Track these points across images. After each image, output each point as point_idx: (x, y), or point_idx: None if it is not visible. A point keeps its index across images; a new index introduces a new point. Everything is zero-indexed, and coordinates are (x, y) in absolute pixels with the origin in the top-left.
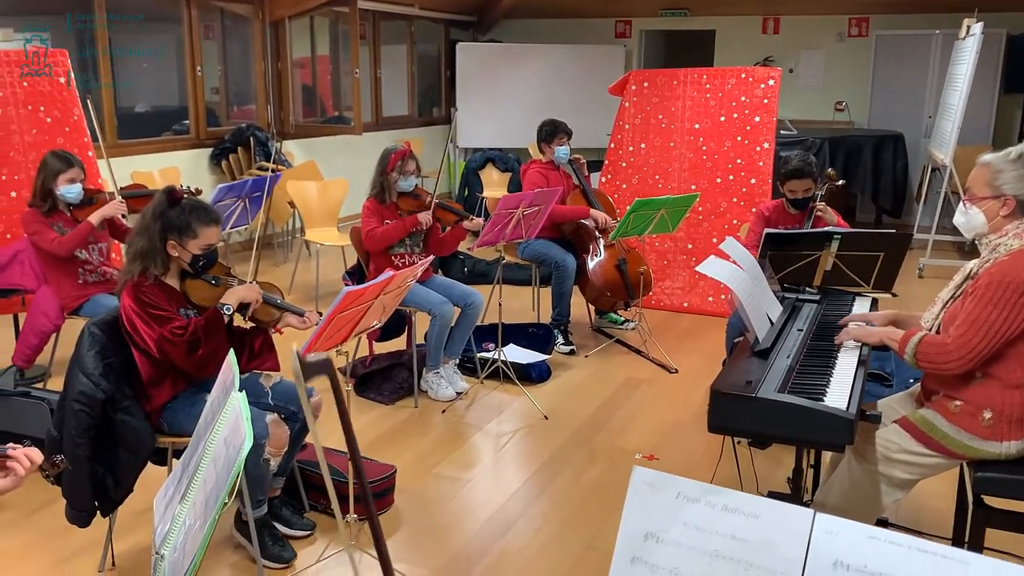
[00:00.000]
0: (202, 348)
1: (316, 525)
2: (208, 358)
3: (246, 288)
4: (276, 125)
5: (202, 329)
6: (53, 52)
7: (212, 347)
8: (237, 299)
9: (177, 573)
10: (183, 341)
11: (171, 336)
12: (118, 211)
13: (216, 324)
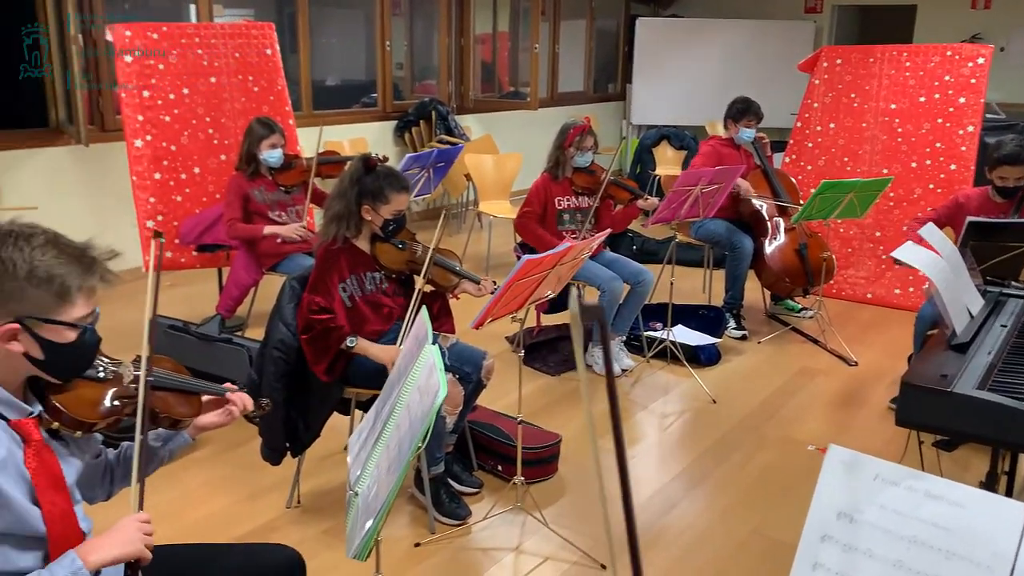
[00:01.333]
0: (308, 335)
1: (483, 484)
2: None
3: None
4: (456, 100)
5: (320, 330)
6: (261, 25)
7: (317, 347)
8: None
9: (369, 511)
10: (304, 316)
11: (307, 303)
12: (294, 234)
13: (333, 341)
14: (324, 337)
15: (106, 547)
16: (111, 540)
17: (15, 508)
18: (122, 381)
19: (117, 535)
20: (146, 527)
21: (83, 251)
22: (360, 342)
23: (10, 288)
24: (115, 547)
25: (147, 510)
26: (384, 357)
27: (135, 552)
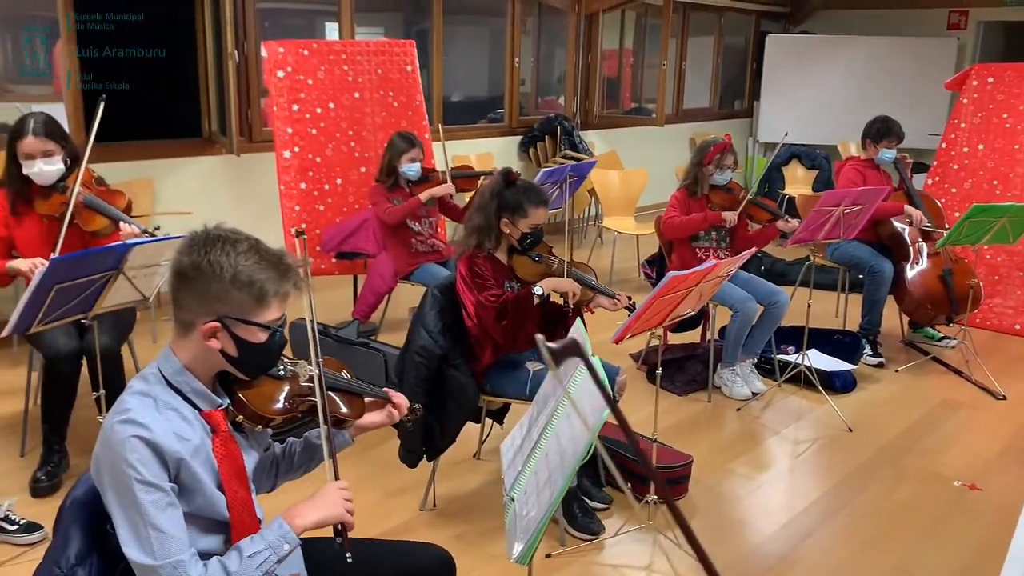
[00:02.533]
0: (507, 319)
1: (613, 500)
2: (513, 330)
3: (566, 281)
4: (580, 115)
5: (512, 303)
6: (402, 43)
7: (518, 321)
8: (552, 287)
9: (530, 519)
10: (493, 307)
11: (485, 301)
12: (447, 191)
13: (525, 302)
14: (518, 306)
15: (310, 511)
16: (314, 504)
17: (205, 492)
18: (298, 380)
19: (320, 500)
20: (346, 493)
21: (280, 258)
22: (543, 282)
23: (215, 289)
24: (319, 510)
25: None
26: (565, 286)
27: (337, 515)
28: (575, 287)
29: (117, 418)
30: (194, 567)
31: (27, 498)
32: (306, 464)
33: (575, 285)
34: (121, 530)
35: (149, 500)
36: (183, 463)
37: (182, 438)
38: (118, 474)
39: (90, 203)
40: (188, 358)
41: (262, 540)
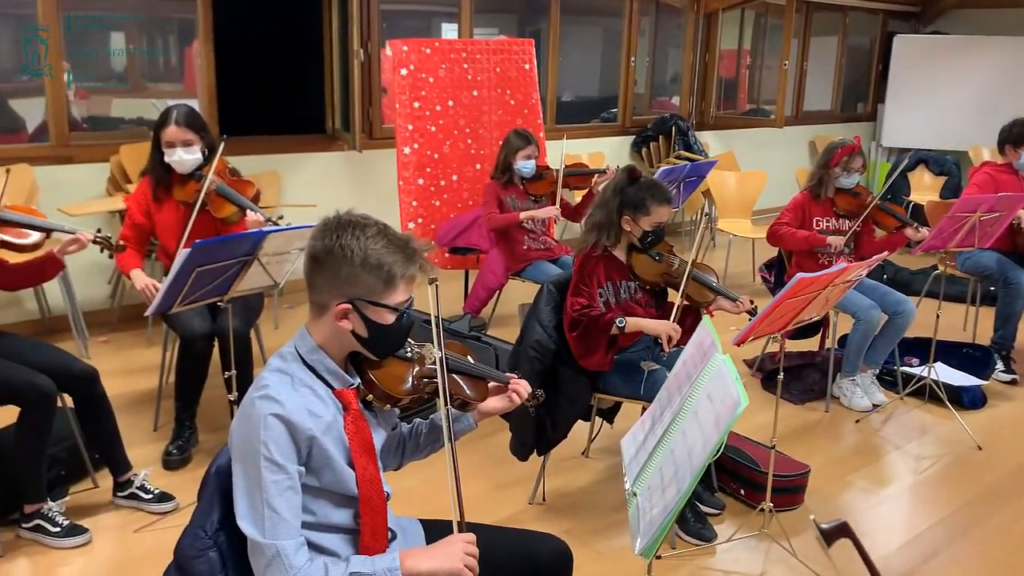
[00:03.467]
0: (578, 332)
1: (725, 506)
2: (583, 347)
3: (661, 325)
4: (695, 116)
5: (587, 321)
6: (521, 42)
7: (588, 339)
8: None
9: (655, 513)
10: (571, 314)
11: (570, 306)
12: (550, 215)
13: (601, 328)
14: (592, 328)
15: (428, 558)
16: (434, 553)
17: (336, 468)
18: (424, 362)
19: (441, 550)
20: (470, 548)
21: (406, 243)
22: (630, 320)
23: (346, 273)
24: (436, 559)
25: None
26: (659, 329)
27: (454, 570)
28: (670, 333)
29: (256, 393)
30: (297, 555)
31: (159, 470)
32: (431, 445)
33: (669, 330)
34: (239, 500)
35: (272, 479)
36: (314, 440)
37: (315, 415)
38: (249, 448)
39: (222, 191)
40: (322, 338)
41: (371, 565)
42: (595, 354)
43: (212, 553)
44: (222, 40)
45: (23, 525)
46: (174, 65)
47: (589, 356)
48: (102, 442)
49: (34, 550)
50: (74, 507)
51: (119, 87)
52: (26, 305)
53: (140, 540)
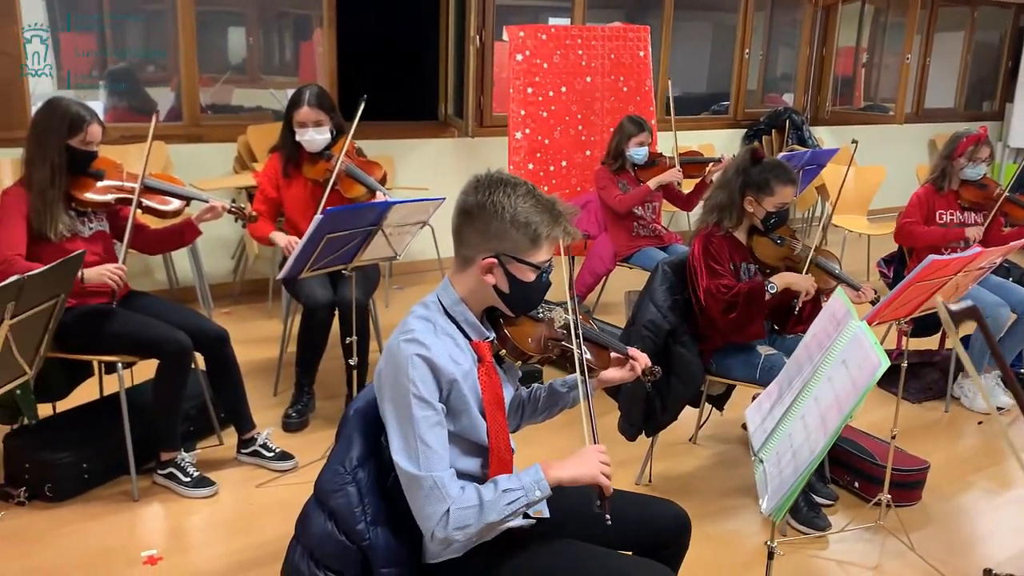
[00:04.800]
0: (736, 312)
1: (838, 497)
2: (741, 324)
3: (803, 279)
4: (811, 111)
5: (743, 296)
6: (637, 28)
7: (747, 315)
8: (785, 283)
9: (784, 478)
10: (723, 299)
11: (715, 291)
12: (675, 178)
13: (757, 297)
14: (751, 301)
15: (568, 467)
16: (572, 462)
17: (471, 414)
18: (553, 325)
19: (578, 459)
20: (604, 456)
21: (553, 204)
22: (775, 279)
23: (495, 228)
24: (576, 468)
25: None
26: (803, 284)
27: (592, 476)
28: (811, 286)
29: (402, 337)
30: (452, 484)
31: (278, 432)
32: (549, 410)
33: (811, 284)
34: (393, 438)
35: (422, 415)
36: (455, 384)
37: (455, 361)
38: (398, 387)
39: (351, 172)
40: (465, 290)
41: (518, 480)
42: (751, 324)
43: (351, 488)
44: (342, 30)
45: (158, 472)
46: (289, 59)
47: (746, 329)
48: (229, 400)
49: (166, 497)
50: (201, 461)
51: (239, 77)
52: (156, 275)
53: (261, 495)
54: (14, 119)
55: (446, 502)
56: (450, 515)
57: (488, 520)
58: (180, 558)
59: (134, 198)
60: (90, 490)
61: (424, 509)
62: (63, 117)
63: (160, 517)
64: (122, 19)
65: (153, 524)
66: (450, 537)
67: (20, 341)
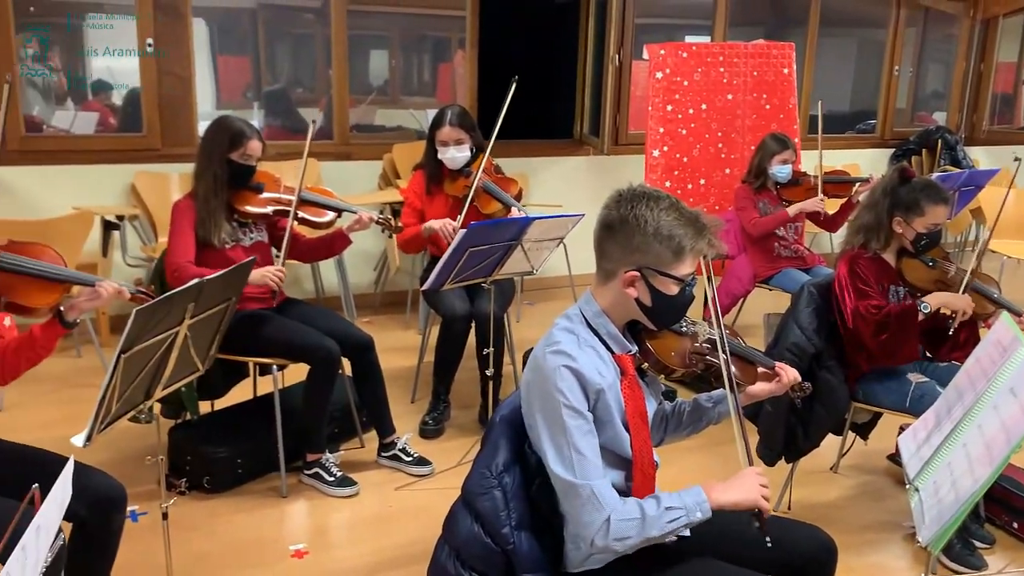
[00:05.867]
0: (887, 333)
1: (995, 540)
2: (892, 346)
3: (959, 298)
4: (966, 130)
5: (894, 316)
6: (782, 46)
7: (898, 337)
8: (941, 303)
9: (944, 508)
10: (873, 320)
11: (864, 312)
12: (817, 207)
13: (909, 317)
14: (900, 322)
15: (728, 491)
16: (732, 486)
17: (615, 426)
18: (697, 339)
19: (738, 483)
20: (763, 479)
21: (697, 217)
22: (929, 299)
23: (638, 241)
24: (737, 493)
25: None
26: (958, 304)
27: (753, 502)
28: (968, 305)
29: (548, 349)
30: (609, 493)
31: (416, 438)
32: (693, 425)
33: (968, 303)
34: (547, 448)
35: (574, 424)
36: (601, 394)
37: (600, 373)
38: (548, 398)
39: (488, 188)
40: (607, 303)
41: (680, 499)
42: (905, 346)
43: (496, 492)
44: (481, 51)
45: (305, 472)
46: (427, 80)
47: (898, 352)
48: (372, 405)
49: (312, 495)
50: (344, 462)
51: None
52: (304, 284)
53: (400, 498)
54: (182, 136)
55: (604, 511)
56: (611, 525)
57: (649, 535)
58: (325, 554)
59: (291, 210)
60: (242, 484)
61: (582, 517)
62: (226, 132)
63: (306, 514)
64: (274, 43)
65: (300, 520)
66: (609, 547)
67: (196, 340)
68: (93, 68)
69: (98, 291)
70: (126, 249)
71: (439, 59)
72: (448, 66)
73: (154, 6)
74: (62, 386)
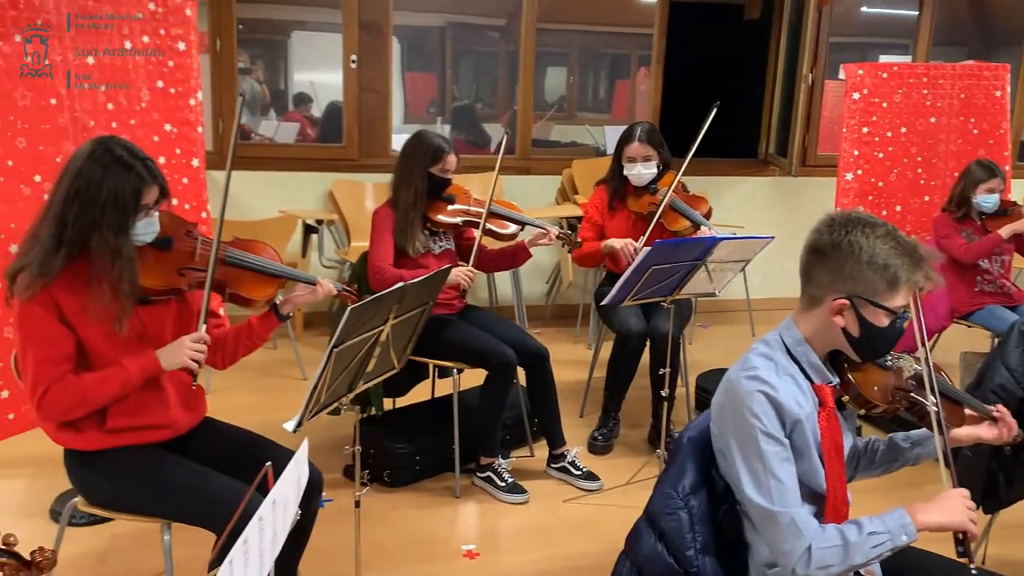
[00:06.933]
0: None
1: None
2: None
3: None
4: None
5: None
6: (994, 67)
7: None
8: None
9: None
10: None
11: None
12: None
13: None
14: None
15: (935, 512)
16: (939, 507)
17: (810, 458)
18: (902, 375)
19: (945, 503)
20: (969, 503)
21: (914, 248)
22: None
23: (850, 269)
24: (944, 514)
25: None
26: None
27: (960, 523)
28: None
29: (744, 373)
30: (808, 521)
31: (583, 452)
32: (886, 465)
33: None
34: (742, 474)
35: (771, 451)
36: (798, 425)
37: (798, 403)
38: (743, 424)
39: (676, 206)
40: (809, 331)
41: (882, 523)
42: None
43: (683, 513)
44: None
45: (478, 474)
46: (602, 97)
47: None
48: (545, 415)
49: (482, 497)
50: (514, 469)
51: (558, 114)
52: (479, 293)
53: (568, 509)
54: (377, 148)
55: (805, 539)
56: (812, 553)
57: (852, 562)
58: (494, 557)
59: (480, 221)
60: (419, 481)
61: (783, 546)
62: (427, 147)
63: (477, 516)
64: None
65: (471, 521)
66: (811, 575)
67: (395, 340)
68: (295, 81)
69: (315, 289)
70: (322, 251)
71: (616, 76)
72: (625, 83)
73: (359, 24)
74: (260, 375)
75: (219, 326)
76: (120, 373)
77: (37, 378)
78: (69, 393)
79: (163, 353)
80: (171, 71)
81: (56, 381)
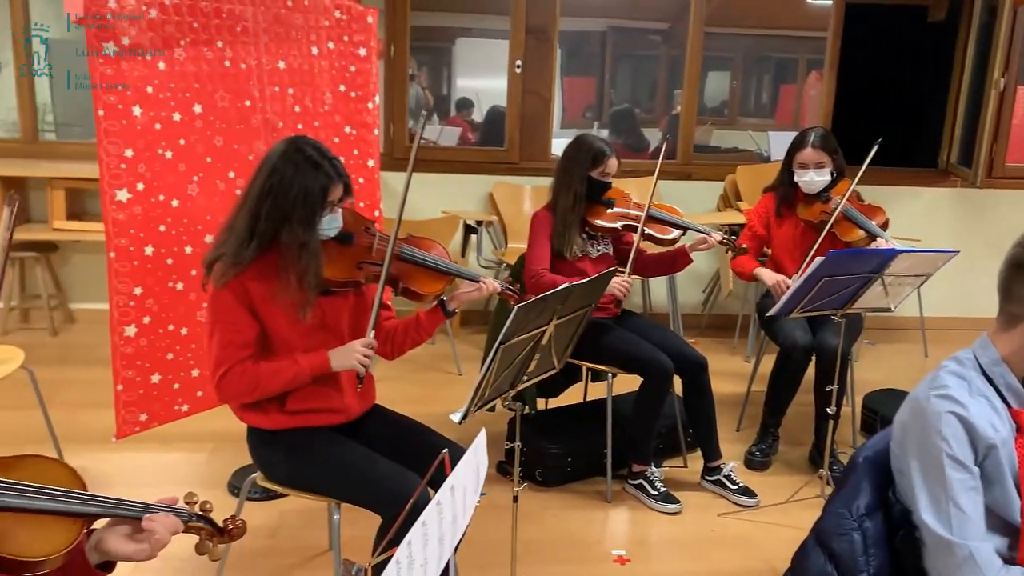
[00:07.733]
0: None
1: None
2: None
3: None
4: None
5: None
6: None
7: None
8: None
9: None
10: None
11: None
12: None
13: None
14: None
15: None
16: None
17: (1005, 487)
18: None
19: None
20: None
21: None
22: None
23: None
24: None
25: None
26: None
27: None
28: None
29: (933, 392)
30: (990, 559)
31: (739, 467)
32: None
33: None
34: (921, 497)
35: (956, 477)
36: (993, 450)
37: (993, 427)
38: (928, 445)
39: (850, 215)
40: (1008, 351)
41: None
42: None
43: (856, 535)
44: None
45: (629, 481)
46: (764, 102)
47: None
48: (701, 426)
49: (633, 504)
50: (667, 479)
51: (719, 118)
52: (633, 299)
53: (722, 524)
54: (537, 152)
55: None
56: None
57: None
58: (644, 565)
59: (639, 225)
60: (569, 483)
61: None
62: (588, 151)
63: (628, 522)
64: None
65: (622, 527)
66: None
67: (557, 340)
68: (457, 87)
69: (480, 287)
70: (480, 251)
71: (781, 80)
72: (790, 87)
73: (526, 30)
74: (419, 368)
75: (389, 318)
76: (293, 367)
77: (220, 359)
78: (246, 377)
79: (335, 354)
80: (352, 76)
81: (237, 364)
